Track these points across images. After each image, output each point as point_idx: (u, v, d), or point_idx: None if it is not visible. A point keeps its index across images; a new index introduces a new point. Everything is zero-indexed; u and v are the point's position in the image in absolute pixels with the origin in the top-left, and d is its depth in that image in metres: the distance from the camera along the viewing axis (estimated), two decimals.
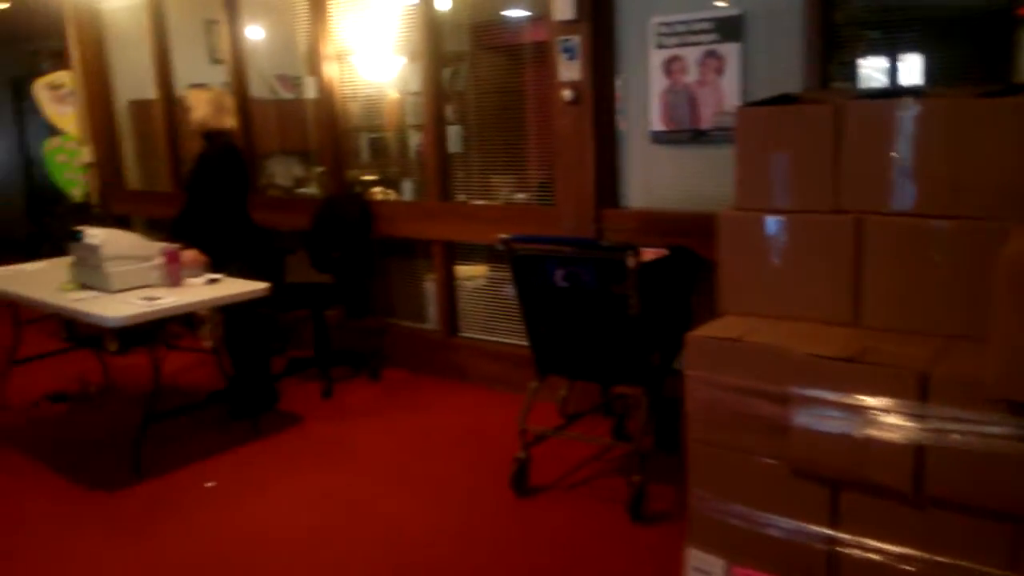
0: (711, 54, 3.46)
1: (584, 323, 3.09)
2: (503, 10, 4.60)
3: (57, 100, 6.57)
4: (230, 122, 4.20)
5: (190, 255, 3.89)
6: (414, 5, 4.45)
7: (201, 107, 4.07)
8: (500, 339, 4.51)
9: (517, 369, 4.27)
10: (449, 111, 4.63)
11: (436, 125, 4.49)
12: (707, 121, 3.52)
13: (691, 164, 3.60)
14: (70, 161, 6.47)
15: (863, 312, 2.29)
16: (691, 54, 3.51)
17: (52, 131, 6.63)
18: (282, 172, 6.15)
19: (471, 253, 4.59)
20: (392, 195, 5.13)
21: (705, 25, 3.46)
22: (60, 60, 6.64)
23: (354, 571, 2.78)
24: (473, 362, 4.55)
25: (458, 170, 4.62)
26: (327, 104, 4.94)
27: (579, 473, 3.40)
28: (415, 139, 5.25)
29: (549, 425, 3.40)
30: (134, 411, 3.85)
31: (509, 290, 4.24)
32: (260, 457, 3.71)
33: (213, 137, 4.11)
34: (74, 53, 6.28)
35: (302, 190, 5.98)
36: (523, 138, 4.46)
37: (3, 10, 5.57)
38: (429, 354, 4.73)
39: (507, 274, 3.46)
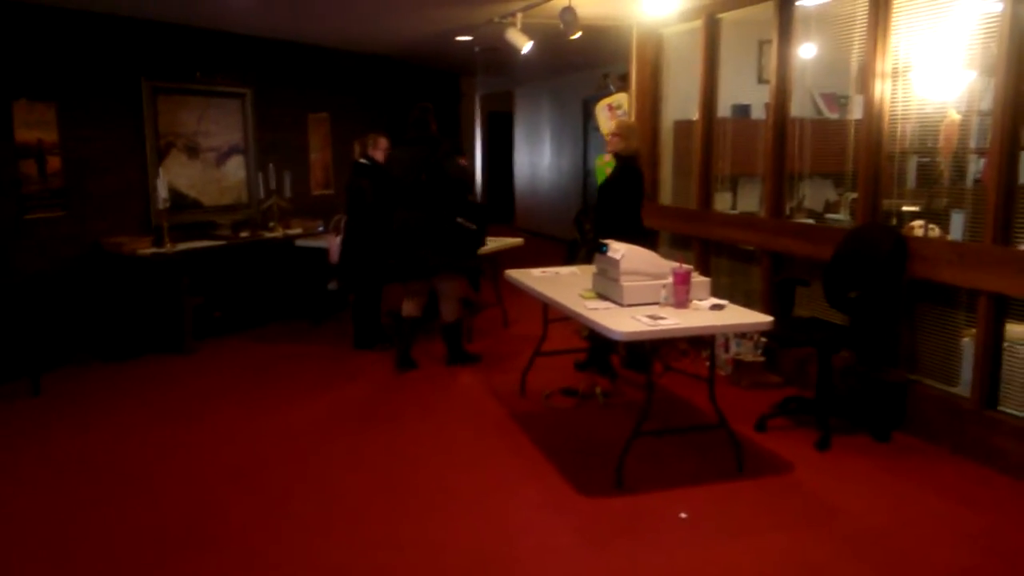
0: None
1: None
2: None
3: (613, 119, 7.20)
4: (635, 144, 5.22)
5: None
6: (997, 13, 3.72)
7: (618, 136, 5.21)
8: None
9: None
10: None
11: (1004, 150, 3.70)
12: None
13: None
14: None
15: None
16: None
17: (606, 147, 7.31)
18: (812, 195, 5.81)
19: None
20: (935, 231, 4.42)
21: None
22: (625, 82, 7.27)
23: None
24: (1012, 445, 3.67)
25: None
26: (873, 124, 4.45)
27: None
28: (977, 166, 4.44)
29: None
30: (629, 421, 3.98)
31: None
32: (738, 498, 3.51)
33: (622, 158, 5.17)
34: (632, 75, 6.81)
35: (830, 215, 5.56)
36: None
37: (578, 38, 6.24)
38: (954, 425, 3.96)
39: None
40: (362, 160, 6.02)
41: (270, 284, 7.13)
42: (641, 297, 3.86)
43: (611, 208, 5.17)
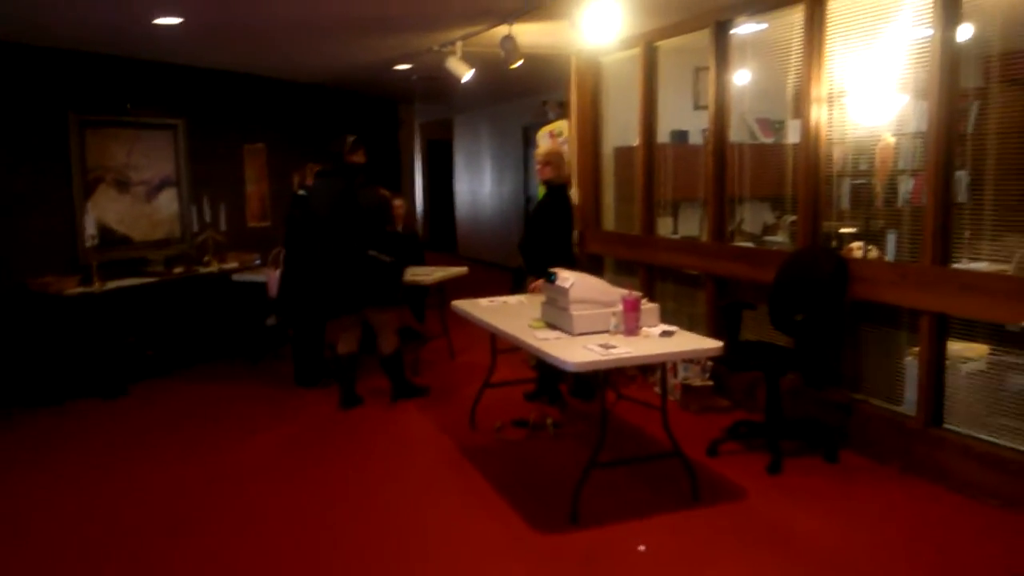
0: None
1: None
2: None
3: (553, 146, 7.21)
4: (566, 172, 5.42)
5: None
6: (926, 38, 3.83)
7: (550, 165, 5.21)
8: (998, 440, 3.63)
9: (1020, 482, 3.40)
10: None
11: (940, 172, 3.78)
12: None
13: None
14: None
15: None
16: None
17: None
18: (751, 219, 5.89)
19: (969, 328, 3.78)
20: (873, 251, 4.51)
21: None
22: (564, 109, 7.30)
23: None
24: (957, 463, 3.73)
25: (961, 226, 3.85)
26: (811, 148, 4.53)
27: None
28: (907, 187, 4.55)
29: None
30: (582, 452, 3.92)
31: (1019, 381, 3.38)
32: (695, 527, 3.47)
33: (552, 186, 5.22)
34: (572, 103, 6.84)
35: (769, 238, 5.64)
36: None
37: (518, 66, 6.23)
38: (901, 443, 4.01)
39: (1019, 360, 2.71)
40: (301, 192, 5.88)
41: (206, 321, 6.88)
42: (591, 325, 3.82)
43: (541, 236, 5.17)
